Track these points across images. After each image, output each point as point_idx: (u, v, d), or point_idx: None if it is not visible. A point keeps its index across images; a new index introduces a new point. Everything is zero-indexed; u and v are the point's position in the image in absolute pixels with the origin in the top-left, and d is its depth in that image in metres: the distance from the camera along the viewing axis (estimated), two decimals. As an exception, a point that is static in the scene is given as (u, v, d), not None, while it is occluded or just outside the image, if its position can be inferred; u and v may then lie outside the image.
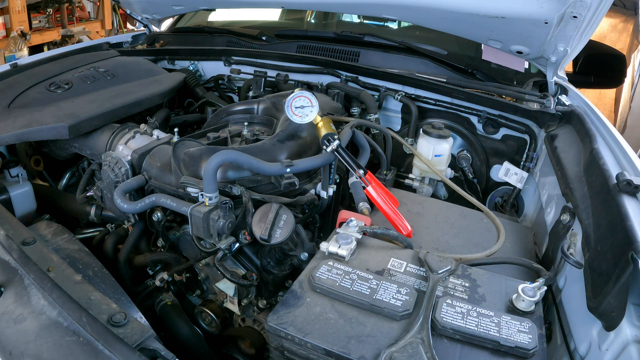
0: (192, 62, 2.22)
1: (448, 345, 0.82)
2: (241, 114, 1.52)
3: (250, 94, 1.94)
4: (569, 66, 1.85)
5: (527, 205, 1.60)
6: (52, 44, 5.37)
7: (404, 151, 1.79)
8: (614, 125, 3.23)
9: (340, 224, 1.11)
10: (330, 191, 1.29)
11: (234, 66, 2.09)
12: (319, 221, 1.36)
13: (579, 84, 1.79)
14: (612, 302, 0.78)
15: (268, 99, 1.52)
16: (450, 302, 0.88)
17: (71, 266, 1.02)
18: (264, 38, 2.24)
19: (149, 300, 1.36)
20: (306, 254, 1.20)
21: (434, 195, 1.67)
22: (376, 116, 1.73)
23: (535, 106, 1.56)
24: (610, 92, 3.65)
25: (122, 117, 1.60)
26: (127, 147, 1.41)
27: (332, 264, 0.97)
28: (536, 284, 0.90)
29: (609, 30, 3.48)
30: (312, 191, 1.30)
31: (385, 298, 0.89)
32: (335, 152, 1.17)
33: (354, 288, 0.91)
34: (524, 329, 0.82)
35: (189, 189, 1.19)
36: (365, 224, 1.10)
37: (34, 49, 5.08)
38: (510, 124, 1.63)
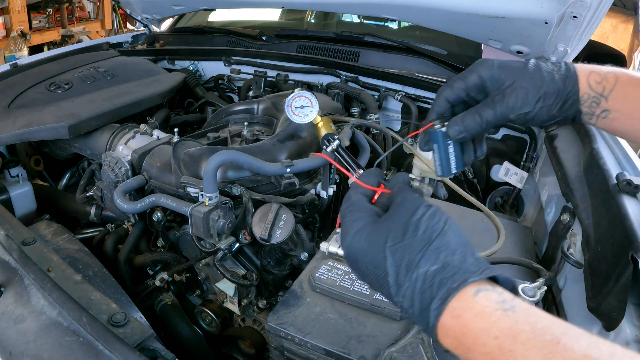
0: (192, 62, 2.22)
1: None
2: (241, 114, 1.52)
3: (250, 94, 1.94)
4: (569, 66, 1.85)
5: (527, 205, 1.60)
6: (52, 44, 5.37)
7: (404, 151, 1.79)
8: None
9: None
10: (330, 191, 1.29)
11: (234, 66, 2.09)
12: (319, 221, 1.36)
13: (579, 84, 1.78)
14: (612, 302, 0.78)
15: (268, 99, 1.52)
16: (450, 302, 0.88)
17: (71, 266, 1.02)
18: (264, 38, 2.24)
19: (149, 300, 1.36)
20: (306, 254, 1.20)
21: (434, 196, 1.67)
22: (376, 116, 1.73)
23: (535, 106, 1.55)
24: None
25: (122, 117, 1.60)
26: (127, 147, 1.41)
27: (332, 264, 0.97)
28: (536, 284, 0.89)
29: (610, 31, 3.48)
30: (312, 191, 1.30)
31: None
32: (335, 152, 1.17)
33: (354, 288, 0.91)
34: (524, 329, 0.82)
35: (189, 189, 1.19)
36: None
37: (34, 49, 5.08)
38: (510, 124, 1.62)
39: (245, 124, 1.39)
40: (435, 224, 0.59)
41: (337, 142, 1.15)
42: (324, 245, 1.01)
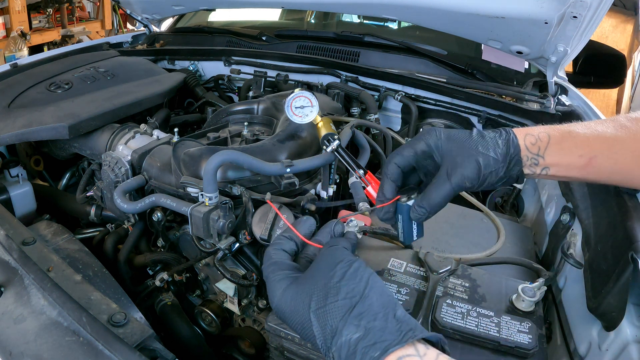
0: (192, 62, 2.22)
1: (448, 345, 0.82)
2: (241, 114, 1.52)
3: (250, 94, 1.94)
4: (568, 66, 1.85)
5: (527, 205, 1.60)
6: (52, 44, 5.38)
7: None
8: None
9: (340, 224, 1.11)
10: (330, 191, 1.29)
11: (234, 66, 2.09)
12: (319, 221, 1.36)
13: (579, 84, 1.79)
14: (612, 302, 0.78)
15: (268, 99, 1.52)
16: (450, 302, 0.88)
17: (71, 266, 1.02)
18: (264, 38, 2.24)
19: (149, 300, 1.36)
20: (306, 254, 1.20)
21: (434, 195, 1.67)
22: (376, 116, 1.73)
23: (535, 106, 1.56)
24: (613, 93, 3.65)
25: (122, 117, 1.60)
26: (127, 147, 1.41)
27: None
28: (536, 284, 0.90)
29: (610, 31, 3.48)
30: (312, 191, 1.30)
31: (385, 298, 0.89)
32: (335, 152, 1.17)
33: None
34: (524, 329, 0.82)
35: (189, 189, 1.19)
36: (365, 224, 1.10)
37: (34, 49, 5.09)
38: (510, 124, 1.62)
39: (245, 124, 1.39)
40: (357, 285, 0.60)
41: (337, 142, 1.15)
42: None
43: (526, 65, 1.81)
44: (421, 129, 1.61)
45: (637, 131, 0.76)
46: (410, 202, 0.80)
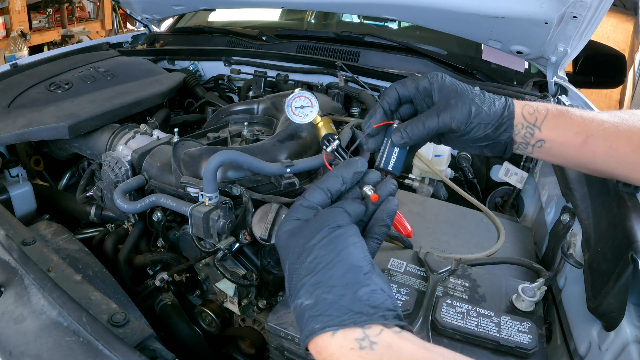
0: (192, 62, 2.22)
1: (448, 345, 0.82)
2: (241, 114, 1.52)
3: (250, 94, 1.94)
4: (568, 66, 1.85)
5: (527, 205, 1.60)
6: (52, 44, 5.38)
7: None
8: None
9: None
10: (330, 191, 1.29)
11: (234, 66, 2.09)
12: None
13: (579, 84, 1.79)
14: (612, 302, 0.78)
15: (268, 99, 1.52)
16: (450, 302, 0.88)
17: (71, 266, 1.02)
18: (264, 38, 2.24)
19: (149, 300, 1.36)
20: (306, 254, 1.20)
21: (434, 196, 1.67)
22: (376, 116, 1.73)
23: (535, 106, 1.55)
24: (615, 94, 3.64)
25: (122, 117, 1.60)
26: (127, 147, 1.41)
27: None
28: (536, 284, 0.90)
29: (610, 31, 3.48)
30: (312, 191, 1.30)
31: (385, 298, 0.88)
32: (335, 152, 1.17)
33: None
34: (524, 329, 0.83)
35: (189, 189, 1.19)
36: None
37: (34, 49, 5.09)
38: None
39: (245, 124, 1.39)
40: (327, 254, 0.59)
41: (337, 142, 1.15)
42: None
43: (526, 65, 1.81)
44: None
45: (629, 119, 0.78)
46: (396, 124, 0.83)
